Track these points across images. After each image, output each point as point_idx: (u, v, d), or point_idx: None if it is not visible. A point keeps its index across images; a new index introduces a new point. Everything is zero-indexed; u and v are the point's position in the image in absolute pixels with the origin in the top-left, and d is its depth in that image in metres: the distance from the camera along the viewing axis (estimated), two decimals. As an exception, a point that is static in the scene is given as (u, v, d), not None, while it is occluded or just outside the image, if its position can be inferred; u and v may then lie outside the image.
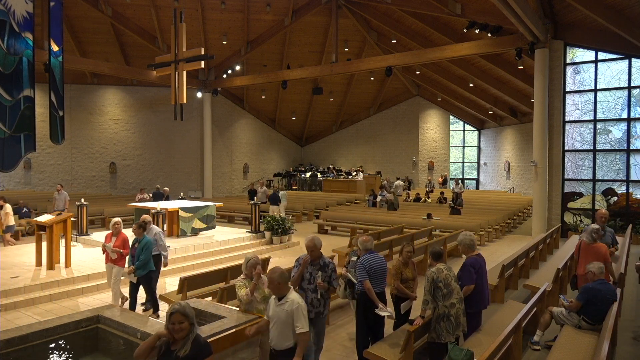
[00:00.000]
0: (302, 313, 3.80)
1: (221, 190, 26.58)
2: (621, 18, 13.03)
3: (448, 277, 4.92)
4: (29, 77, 3.56)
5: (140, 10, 20.24)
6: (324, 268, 4.92)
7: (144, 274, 6.84)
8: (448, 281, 4.89)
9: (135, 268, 6.79)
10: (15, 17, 3.44)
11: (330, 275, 4.92)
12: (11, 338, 4.22)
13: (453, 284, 4.91)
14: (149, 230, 7.41)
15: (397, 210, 17.69)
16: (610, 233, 7.44)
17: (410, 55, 18.93)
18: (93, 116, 23.38)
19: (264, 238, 13.04)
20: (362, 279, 5.13)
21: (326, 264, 4.97)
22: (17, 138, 3.47)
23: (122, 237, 7.27)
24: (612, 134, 14.88)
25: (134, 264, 6.80)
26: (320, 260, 4.97)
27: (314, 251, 4.93)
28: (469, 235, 5.39)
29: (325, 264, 4.96)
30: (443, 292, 4.85)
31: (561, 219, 15.21)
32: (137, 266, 6.77)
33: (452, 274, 5.01)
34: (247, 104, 27.95)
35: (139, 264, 6.76)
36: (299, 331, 3.75)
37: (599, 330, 5.30)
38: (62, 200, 14.69)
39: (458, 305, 4.84)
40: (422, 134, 27.97)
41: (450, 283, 4.89)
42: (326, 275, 4.89)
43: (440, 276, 4.90)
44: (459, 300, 4.86)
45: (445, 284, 4.87)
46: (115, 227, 7.32)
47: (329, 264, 4.98)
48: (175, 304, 3.15)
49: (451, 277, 4.95)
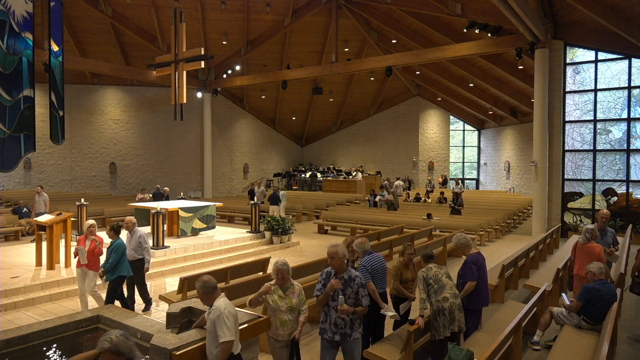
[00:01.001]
0: (225, 321, 3.53)
1: (221, 190, 26.58)
2: (621, 18, 13.03)
3: (438, 274, 5.00)
4: (29, 77, 3.56)
5: (140, 10, 20.24)
6: (349, 283, 4.23)
7: (112, 279, 6.52)
8: (438, 277, 4.97)
9: (104, 271, 6.51)
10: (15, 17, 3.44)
11: (357, 292, 4.23)
12: (11, 338, 4.22)
13: (444, 280, 4.98)
14: (132, 233, 7.22)
15: (397, 210, 17.70)
16: (611, 233, 7.44)
17: (410, 55, 18.93)
18: (93, 116, 23.38)
19: (264, 238, 13.04)
20: (365, 281, 5.12)
21: (352, 278, 4.27)
22: (17, 138, 3.47)
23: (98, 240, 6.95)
24: (612, 134, 14.88)
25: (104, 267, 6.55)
26: (345, 274, 4.27)
27: (334, 260, 4.23)
28: (462, 235, 5.46)
29: (351, 278, 4.26)
30: (434, 287, 4.93)
31: (561, 219, 15.21)
32: (106, 269, 6.50)
33: (443, 271, 5.09)
34: (247, 104, 27.96)
35: (107, 268, 6.49)
36: (221, 340, 3.51)
37: (599, 330, 5.30)
38: (41, 202, 13.77)
39: (452, 300, 4.88)
40: (422, 134, 27.97)
41: (440, 279, 4.97)
42: (352, 292, 4.22)
43: (430, 274, 4.99)
44: (452, 295, 4.91)
45: (435, 280, 4.95)
46: (89, 230, 6.98)
47: (355, 278, 4.27)
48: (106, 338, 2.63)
49: (441, 273, 5.04)
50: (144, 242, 7.22)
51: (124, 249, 6.67)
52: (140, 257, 7.20)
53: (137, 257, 7.19)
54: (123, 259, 6.62)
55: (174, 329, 4.68)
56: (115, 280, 6.53)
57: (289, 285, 4.38)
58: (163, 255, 10.53)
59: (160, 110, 24.40)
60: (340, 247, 4.25)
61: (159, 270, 9.97)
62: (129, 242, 7.21)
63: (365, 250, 5.36)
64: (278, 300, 4.31)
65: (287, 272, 4.34)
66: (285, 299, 4.31)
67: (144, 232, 7.36)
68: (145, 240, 7.29)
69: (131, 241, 7.23)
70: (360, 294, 4.23)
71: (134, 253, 7.19)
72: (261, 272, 8.36)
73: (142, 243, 7.20)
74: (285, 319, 4.28)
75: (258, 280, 7.12)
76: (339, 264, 4.25)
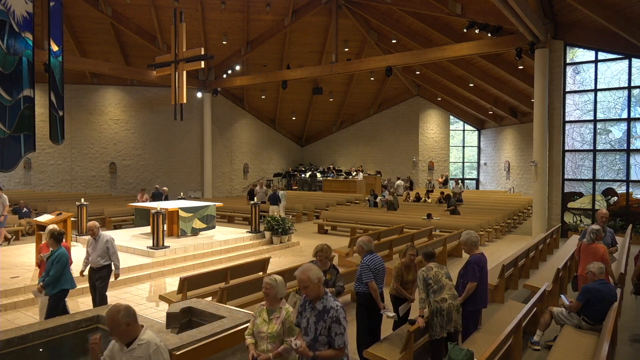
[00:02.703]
0: (163, 355, 2.97)
1: (221, 190, 26.58)
2: (621, 18, 13.02)
3: (438, 274, 5.00)
4: (29, 77, 3.56)
5: (140, 10, 20.23)
6: (322, 316, 3.28)
7: (54, 293, 5.80)
8: (438, 277, 4.98)
9: (44, 285, 5.76)
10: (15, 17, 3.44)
11: (329, 328, 3.25)
12: (11, 338, 4.21)
13: (444, 280, 4.98)
14: (97, 238, 6.59)
15: (397, 210, 17.70)
16: (610, 233, 7.44)
17: (410, 55, 18.93)
18: (93, 116, 23.38)
19: (264, 238, 13.04)
20: (368, 280, 5.13)
21: (326, 309, 3.28)
22: (17, 138, 3.47)
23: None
24: (612, 134, 14.88)
25: (43, 280, 5.81)
26: (319, 303, 3.33)
27: (309, 288, 3.31)
28: (474, 234, 5.40)
29: (326, 309, 3.28)
30: (433, 288, 4.94)
31: (561, 219, 15.21)
32: (46, 283, 5.74)
33: (444, 272, 5.08)
34: (247, 104, 27.96)
35: (48, 281, 5.73)
36: None
37: (599, 330, 5.30)
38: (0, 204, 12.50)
39: (450, 300, 4.88)
40: (422, 134, 27.97)
41: (440, 279, 4.97)
42: (324, 327, 3.26)
43: (430, 274, 4.99)
44: (451, 296, 4.91)
45: (435, 280, 4.95)
46: None
47: (330, 309, 3.26)
48: None
49: (442, 274, 5.03)
50: (111, 247, 6.66)
51: (67, 259, 5.96)
52: (106, 263, 6.64)
53: (103, 263, 6.63)
54: (66, 271, 5.90)
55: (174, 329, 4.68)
56: (56, 294, 5.83)
57: (277, 308, 3.62)
58: (163, 255, 10.53)
59: (160, 110, 24.40)
60: (314, 271, 3.33)
61: (159, 270, 9.98)
62: (92, 248, 6.64)
63: (369, 249, 5.38)
64: (260, 325, 3.61)
65: (274, 290, 3.53)
66: (269, 324, 3.57)
67: (110, 236, 6.76)
68: (113, 244, 6.70)
69: (96, 247, 6.62)
70: (334, 331, 3.23)
71: (99, 260, 6.61)
72: (261, 272, 8.36)
73: (110, 248, 6.64)
74: (263, 348, 3.56)
75: (258, 280, 7.12)
76: (315, 291, 3.32)
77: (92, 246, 6.69)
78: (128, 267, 9.61)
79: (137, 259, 10.32)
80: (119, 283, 9.06)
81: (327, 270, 5.00)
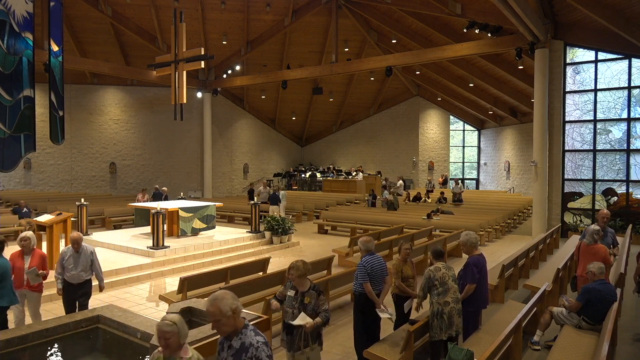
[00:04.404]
0: None
1: (221, 190, 26.59)
2: (621, 18, 13.02)
3: (445, 276, 4.95)
4: (29, 77, 3.56)
5: (140, 10, 20.24)
6: (239, 355, 2.72)
7: None
8: (444, 280, 4.92)
9: None
10: (15, 17, 3.44)
11: None
12: (11, 338, 4.22)
13: (450, 283, 4.93)
14: (81, 251, 5.97)
15: (397, 210, 17.70)
16: (611, 234, 7.42)
17: (410, 55, 18.94)
18: (93, 116, 23.38)
19: (264, 238, 13.04)
20: (363, 281, 5.11)
21: (245, 347, 2.72)
22: (17, 138, 3.47)
23: (39, 255, 5.87)
24: (612, 134, 14.88)
25: None
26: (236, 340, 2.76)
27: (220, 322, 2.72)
28: (473, 235, 5.39)
29: (244, 346, 2.72)
30: (438, 290, 4.90)
31: (561, 219, 15.21)
32: None
33: (451, 274, 5.03)
34: (247, 104, 27.96)
35: None
36: None
37: (599, 330, 5.30)
38: None
39: (452, 304, 4.85)
40: (422, 134, 27.97)
41: (446, 282, 4.91)
42: None
43: (437, 275, 4.94)
44: (454, 300, 4.88)
45: (441, 282, 4.91)
46: (22, 243, 5.78)
47: (249, 347, 2.71)
48: None
49: (449, 276, 4.97)
50: (96, 260, 6.12)
51: (7, 269, 5.20)
52: (88, 277, 6.06)
53: (86, 277, 6.03)
54: (5, 284, 5.15)
55: (174, 329, 4.66)
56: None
57: (178, 357, 2.80)
58: (163, 255, 10.53)
59: (160, 110, 24.40)
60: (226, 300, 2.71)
61: (159, 270, 9.98)
62: (73, 261, 5.93)
63: (368, 249, 5.32)
64: None
65: (176, 336, 2.73)
66: None
67: (92, 247, 6.20)
68: (96, 257, 6.16)
69: (79, 260, 5.95)
70: None
71: (82, 274, 5.97)
72: (261, 272, 8.36)
73: (95, 261, 6.09)
74: None
75: (258, 280, 7.13)
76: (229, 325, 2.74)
77: (71, 259, 5.93)
78: (128, 267, 9.61)
79: (137, 259, 10.31)
80: (119, 283, 9.08)
81: (305, 292, 4.15)
